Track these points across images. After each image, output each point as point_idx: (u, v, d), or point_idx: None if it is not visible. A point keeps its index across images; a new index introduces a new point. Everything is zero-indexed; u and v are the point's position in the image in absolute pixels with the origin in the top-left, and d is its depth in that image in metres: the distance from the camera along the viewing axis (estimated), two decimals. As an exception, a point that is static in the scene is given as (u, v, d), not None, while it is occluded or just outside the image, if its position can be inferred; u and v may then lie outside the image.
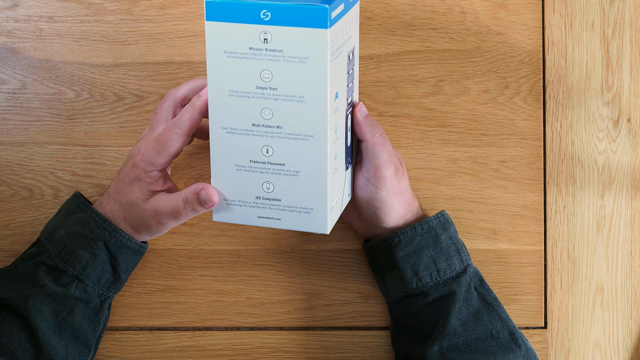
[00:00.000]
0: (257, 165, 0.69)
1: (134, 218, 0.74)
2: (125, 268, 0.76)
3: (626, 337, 0.85)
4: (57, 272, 0.74)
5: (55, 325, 0.74)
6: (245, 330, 0.84)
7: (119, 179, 0.74)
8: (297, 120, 0.67)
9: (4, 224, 0.83)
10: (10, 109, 0.83)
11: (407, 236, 0.75)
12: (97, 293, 0.75)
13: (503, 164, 0.84)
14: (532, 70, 0.84)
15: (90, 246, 0.74)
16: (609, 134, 0.85)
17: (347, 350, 0.83)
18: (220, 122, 0.68)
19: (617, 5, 0.85)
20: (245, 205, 0.70)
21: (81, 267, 0.74)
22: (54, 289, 0.73)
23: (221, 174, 0.70)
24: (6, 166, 0.83)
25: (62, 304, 0.74)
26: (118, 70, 0.83)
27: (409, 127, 0.84)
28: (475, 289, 0.76)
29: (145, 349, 0.83)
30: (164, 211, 0.72)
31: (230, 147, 0.69)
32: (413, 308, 0.76)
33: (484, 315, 0.74)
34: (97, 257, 0.74)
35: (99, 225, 0.74)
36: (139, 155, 0.72)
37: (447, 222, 0.77)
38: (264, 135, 0.68)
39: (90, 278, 0.74)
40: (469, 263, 0.77)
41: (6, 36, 0.83)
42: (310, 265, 0.84)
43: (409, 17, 0.84)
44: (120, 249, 0.75)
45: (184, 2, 0.83)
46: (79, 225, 0.75)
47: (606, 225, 0.85)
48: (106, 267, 0.75)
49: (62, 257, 0.74)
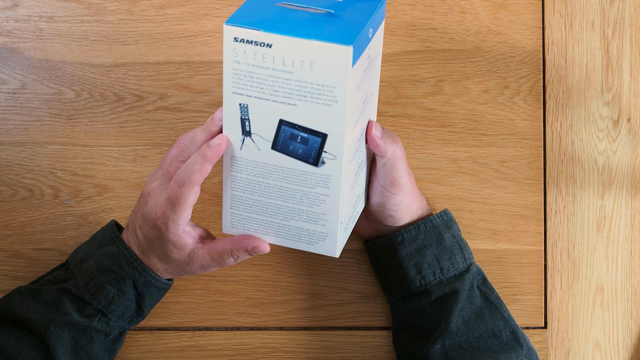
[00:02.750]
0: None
1: (173, 266, 0.73)
2: (150, 305, 0.76)
3: (626, 337, 0.85)
4: (82, 303, 0.74)
5: (72, 352, 0.73)
6: (245, 330, 0.84)
7: (145, 237, 0.72)
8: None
9: (4, 224, 0.83)
10: (10, 109, 0.83)
11: (410, 234, 0.75)
12: (118, 326, 0.75)
13: (503, 164, 0.84)
14: (532, 70, 0.85)
15: (118, 283, 0.73)
16: (609, 134, 0.85)
17: (347, 350, 0.83)
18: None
19: (617, 5, 0.85)
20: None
21: (107, 302, 0.73)
22: (77, 319, 0.73)
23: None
24: (6, 166, 0.83)
25: (83, 333, 0.74)
26: (118, 70, 0.83)
27: (409, 127, 0.84)
28: (478, 288, 0.76)
29: (145, 349, 0.83)
30: (210, 265, 0.71)
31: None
32: (415, 306, 0.76)
33: (487, 314, 0.75)
34: (123, 295, 0.74)
35: (129, 263, 0.73)
36: (158, 220, 0.69)
37: (451, 221, 0.77)
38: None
39: (114, 313, 0.74)
40: (472, 262, 0.77)
41: (6, 36, 0.83)
42: (310, 265, 0.84)
43: (409, 17, 0.84)
44: (148, 288, 0.74)
45: (184, 2, 0.83)
46: (109, 260, 0.73)
47: (606, 225, 0.85)
48: (131, 304, 0.74)
49: (89, 289, 0.73)
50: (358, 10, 0.64)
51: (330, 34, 0.61)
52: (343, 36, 0.61)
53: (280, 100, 0.63)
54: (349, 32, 0.61)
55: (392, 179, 0.72)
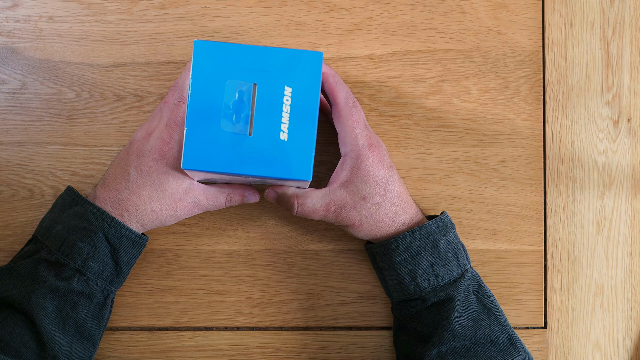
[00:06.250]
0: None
1: (162, 206, 0.74)
2: (127, 261, 0.76)
3: (626, 337, 0.85)
4: (59, 267, 0.74)
5: (59, 322, 0.74)
6: (245, 330, 0.84)
7: (141, 174, 0.74)
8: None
9: (4, 224, 0.83)
10: (10, 109, 0.83)
11: (405, 241, 0.75)
12: (99, 287, 0.75)
13: (503, 164, 0.84)
14: (532, 70, 0.84)
15: (90, 238, 0.74)
16: (609, 134, 0.85)
17: (347, 350, 0.83)
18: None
19: (617, 5, 0.85)
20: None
21: (82, 260, 0.74)
22: (55, 283, 0.73)
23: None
24: (6, 166, 0.83)
25: (65, 299, 0.74)
26: (118, 70, 0.83)
27: (409, 127, 0.84)
28: (474, 294, 0.76)
29: (145, 349, 0.83)
30: (204, 205, 0.75)
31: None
32: (412, 311, 0.76)
33: (483, 320, 0.74)
34: (97, 249, 0.74)
35: (97, 217, 0.74)
36: (164, 146, 0.73)
37: (446, 227, 0.77)
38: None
39: (91, 271, 0.74)
40: (467, 267, 0.77)
41: (6, 36, 0.83)
42: (310, 265, 0.84)
43: (409, 17, 0.84)
44: (120, 239, 0.75)
45: (184, 2, 0.83)
46: (76, 219, 0.75)
47: (606, 225, 0.85)
48: (107, 260, 0.75)
49: (63, 251, 0.74)
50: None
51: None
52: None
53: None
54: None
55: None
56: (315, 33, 0.84)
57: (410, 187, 0.84)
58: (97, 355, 0.83)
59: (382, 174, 0.73)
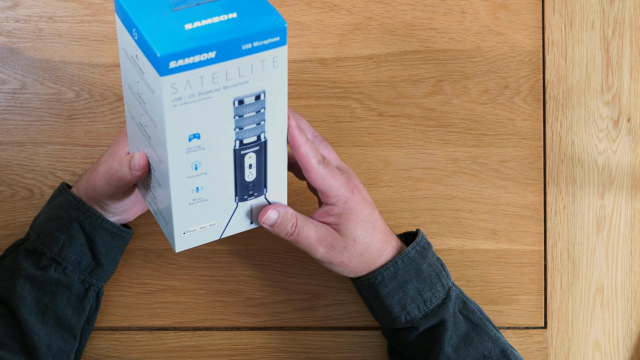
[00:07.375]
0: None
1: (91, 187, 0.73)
2: (105, 252, 0.76)
3: (626, 337, 0.85)
4: (36, 256, 0.74)
5: (38, 312, 0.74)
6: (245, 330, 0.84)
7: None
8: (157, 146, 0.64)
9: (4, 224, 0.83)
10: (10, 109, 0.83)
11: (389, 272, 0.74)
12: (78, 278, 0.75)
13: (503, 164, 0.84)
14: (532, 70, 0.85)
15: (66, 228, 0.74)
16: (609, 134, 0.85)
17: (347, 350, 0.83)
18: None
19: (617, 5, 0.85)
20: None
21: (58, 249, 0.74)
22: (33, 272, 0.74)
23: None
24: (6, 166, 0.83)
25: (44, 289, 0.74)
26: (118, 70, 0.83)
27: (409, 127, 0.84)
28: (460, 313, 0.75)
29: (145, 349, 0.83)
30: (102, 171, 0.71)
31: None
32: (405, 340, 0.75)
33: (474, 338, 0.74)
34: (73, 239, 0.74)
35: (73, 206, 0.74)
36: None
37: (423, 249, 0.75)
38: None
39: (68, 260, 0.74)
40: (449, 285, 0.76)
41: (6, 36, 0.83)
42: (310, 265, 0.84)
43: (409, 17, 0.84)
44: (95, 229, 0.74)
45: (184, 2, 0.83)
46: (57, 209, 0.75)
47: (606, 225, 0.85)
48: (84, 250, 0.75)
49: (41, 240, 0.74)
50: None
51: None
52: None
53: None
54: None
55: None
56: (315, 33, 0.84)
57: (410, 187, 0.84)
58: (98, 355, 0.83)
59: (368, 213, 0.72)
